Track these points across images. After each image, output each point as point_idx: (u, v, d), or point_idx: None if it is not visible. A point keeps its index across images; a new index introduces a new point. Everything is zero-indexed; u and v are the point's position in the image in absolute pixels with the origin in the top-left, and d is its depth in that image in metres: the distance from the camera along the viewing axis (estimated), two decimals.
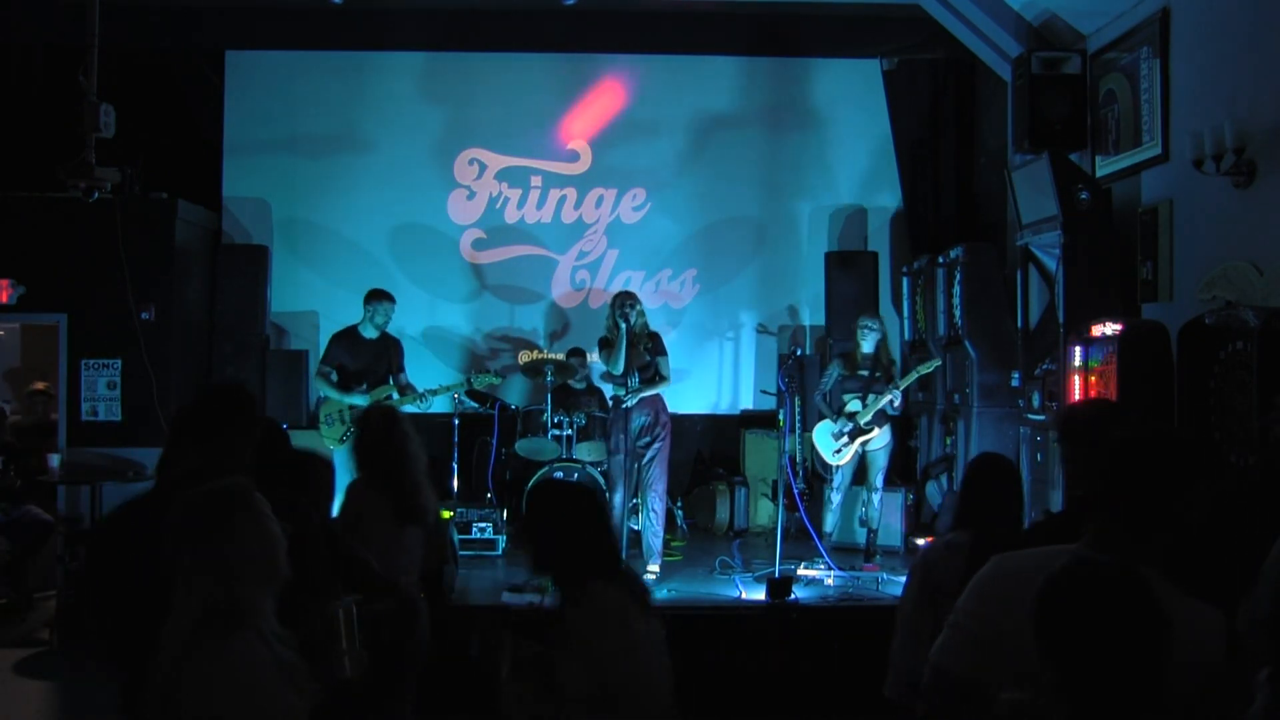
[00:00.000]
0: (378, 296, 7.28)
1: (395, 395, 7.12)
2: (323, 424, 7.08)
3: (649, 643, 2.74)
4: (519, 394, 8.66)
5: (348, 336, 7.29)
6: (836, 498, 7.13)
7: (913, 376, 7.04)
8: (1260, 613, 2.32)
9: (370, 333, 7.23)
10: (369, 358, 7.18)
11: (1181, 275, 5.61)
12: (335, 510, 4.05)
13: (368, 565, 3.41)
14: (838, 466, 7.03)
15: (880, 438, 6.99)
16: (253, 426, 3.03)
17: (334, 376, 7.09)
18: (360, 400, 7.02)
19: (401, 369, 7.33)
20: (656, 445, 6.52)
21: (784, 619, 5.77)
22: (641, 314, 6.59)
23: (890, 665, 3.64)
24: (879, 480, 7.07)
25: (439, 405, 7.77)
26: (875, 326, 7.06)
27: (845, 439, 6.96)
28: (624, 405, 6.43)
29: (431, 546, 4.08)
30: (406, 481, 3.93)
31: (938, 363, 7.27)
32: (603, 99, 8.99)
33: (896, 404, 6.95)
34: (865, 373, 7.00)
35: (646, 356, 6.57)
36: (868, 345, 7.02)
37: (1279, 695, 1.95)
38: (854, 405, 6.95)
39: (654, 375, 6.58)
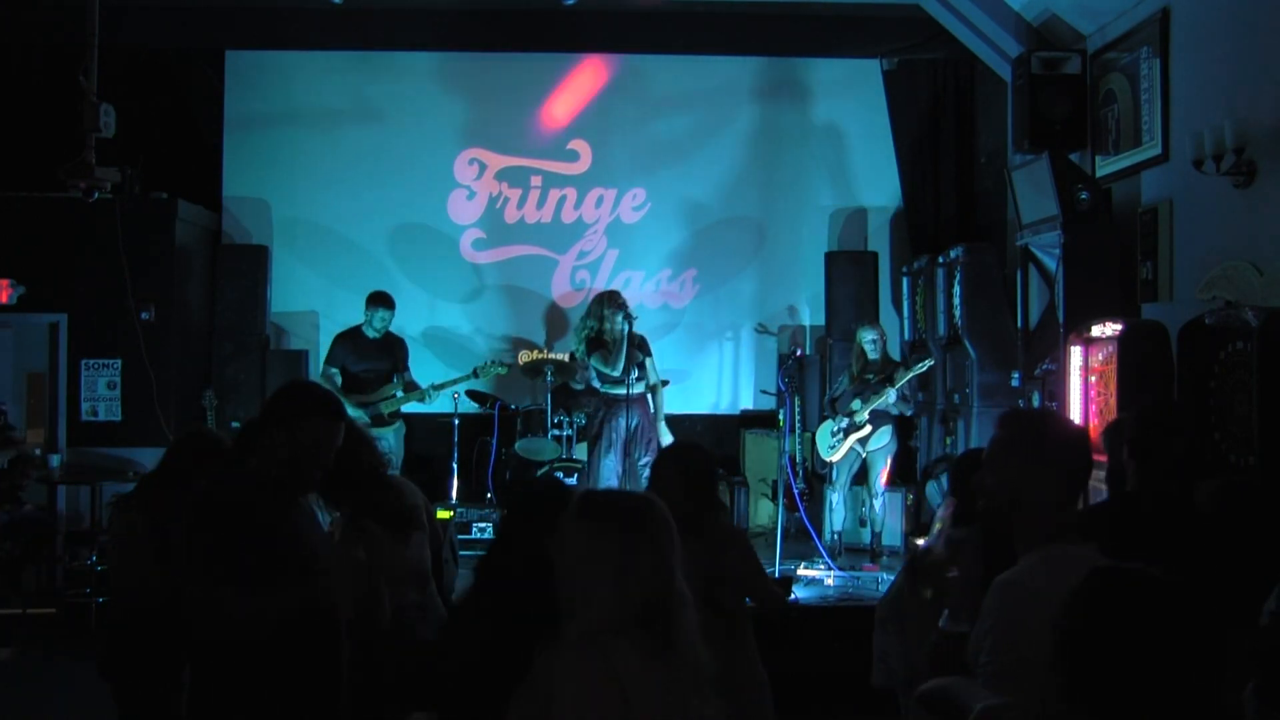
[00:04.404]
0: (375, 302, 7.33)
1: (399, 394, 7.12)
2: None
3: None
4: (519, 394, 8.66)
5: (351, 337, 7.31)
6: (835, 497, 7.29)
7: (907, 376, 7.16)
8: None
9: (373, 333, 7.28)
10: (373, 358, 7.21)
11: (1181, 275, 5.61)
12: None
13: None
14: (833, 463, 7.21)
15: (878, 438, 7.13)
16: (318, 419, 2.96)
17: (338, 379, 7.09)
18: (357, 413, 6.93)
19: (406, 368, 7.35)
20: (654, 449, 6.56)
21: (784, 619, 5.76)
22: (631, 314, 6.69)
23: (879, 657, 3.66)
24: (878, 484, 7.21)
25: (439, 405, 7.77)
26: (875, 336, 7.24)
27: (840, 435, 7.16)
28: (621, 392, 6.48)
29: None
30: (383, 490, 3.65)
31: (931, 362, 7.34)
32: (602, 99, 8.99)
33: (891, 400, 7.09)
34: (870, 377, 7.18)
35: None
36: (872, 353, 7.22)
37: (1264, 709, 1.93)
38: (855, 405, 7.14)
39: (644, 373, 6.65)
